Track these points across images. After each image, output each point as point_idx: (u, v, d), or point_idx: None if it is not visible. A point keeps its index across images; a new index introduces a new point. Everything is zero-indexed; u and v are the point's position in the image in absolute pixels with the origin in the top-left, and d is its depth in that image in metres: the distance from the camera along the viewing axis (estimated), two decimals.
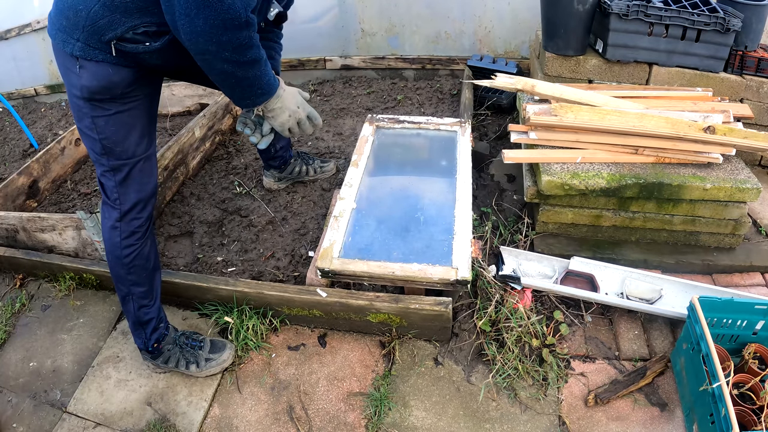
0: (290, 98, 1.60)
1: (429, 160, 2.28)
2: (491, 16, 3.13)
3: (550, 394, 1.65)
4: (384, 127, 2.37)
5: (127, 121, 1.51)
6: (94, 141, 1.50)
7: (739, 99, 2.30)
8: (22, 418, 1.73)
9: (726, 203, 1.88)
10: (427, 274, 1.65)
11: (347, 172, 2.07)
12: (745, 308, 1.54)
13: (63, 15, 1.38)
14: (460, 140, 2.23)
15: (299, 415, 1.66)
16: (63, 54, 1.41)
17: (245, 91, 1.48)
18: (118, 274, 1.64)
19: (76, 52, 1.38)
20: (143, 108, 1.55)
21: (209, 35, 1.28)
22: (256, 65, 1.41)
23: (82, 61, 1.39)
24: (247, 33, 1.34)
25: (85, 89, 1.42)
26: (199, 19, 1.25)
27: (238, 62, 1.37)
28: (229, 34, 1.30)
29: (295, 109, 1.61)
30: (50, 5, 1.43)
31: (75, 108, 1.49)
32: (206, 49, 1.31)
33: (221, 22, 1.27)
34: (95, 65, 1.40)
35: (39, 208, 2.61)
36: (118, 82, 1.44)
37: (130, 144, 1.53)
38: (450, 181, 2.04)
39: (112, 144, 1.51)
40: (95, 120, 1.47)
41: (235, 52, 1.34)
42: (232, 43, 1.32)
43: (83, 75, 1.41)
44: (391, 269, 1.67)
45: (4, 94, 4.00)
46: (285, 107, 1.58)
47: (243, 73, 1.40)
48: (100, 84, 1.42)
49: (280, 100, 1.56)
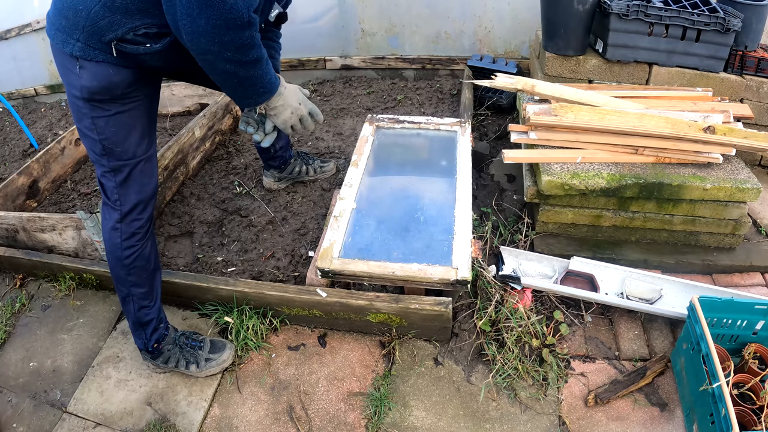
0: (292, 95, 1.60)
1: (429, 160, 2.28)
2: (491, 16, 3.13)
3: (550, 394, 1.65)
4: (384, 127, 2.37)
5: (128, 122, 1.51)
6: (94, 141, 1.50)
7: (739, 99, 2.30)
8: (22, 418, 1.73)
9: (726, 203, 1.88)
10: (427, 274, 1.65)
11: (347, 172, 2.07)
12: (745, 308, 1.54)
13: (62, 15, 1.37)
14: (460, 140, 2.23)
15: (299, 415, 1.66)
16: (62, 54, 1.41)
17: (247, 91, 1.48)
18: (118, 275, 1.64)
19: (76, 52, 1.37)
20: (143, 108, 1.55)
21: (211, 35, 1.28)
22: (258, 64, 1.41)
23: (82, 62, 1.39)
24: (250, 33, 1.34)
25: (85, 89, 1.42)
26: (201, 19, 1.25)
27: (241, 62, 1.36)
28: (232, 34, 1.30)
29: (297, 105, 1.61)
30: (50, 5, 1.43)
31: (74, 108, 1.48)
32: (208, 50, 1.31)
33: (223, 22, 1.26)
34: (95, 65, 1.39)
35: (39, 208, 2.61)
36: (118, 82, 1.44)
37: (131, 145, 1.53)
38: (450, 181, 2.04)
39: (113, 145, 1.50)
40: (95, 120, 1.47)
41: (238, 52, 1.34)
42: (235, 43, 1.32)
43: (83, 75, 1.40)
44: (391, 269, 1.67)
45: (4, 94, 4.00)
46: (287, 104, 1.59)
47: (245, 72, 1.41)
48: (101, 84, 1.42)
49: (281, 98, 1.56)
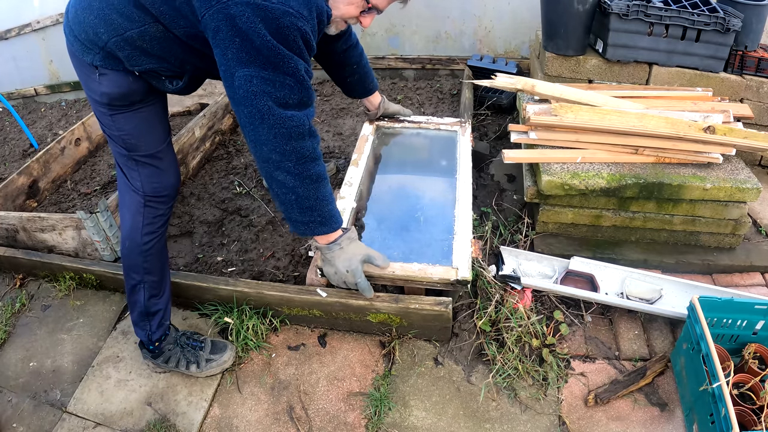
0: (343, 257, 1.55)
1: (429, 160, 2.27)
2: (491, 16, 3.13)
3: (550, 394, 1.65)
4: (384, 127, 2.37)
5: (147, 118, 1.55)
6: (116, 137, 1.53)
7: (739, 99, 2.30)
8: (22, 418, 1.73)
9: (726, 203, 1.88)
10: (427, 274, 1.65)
11: (347, 171, 2.07)
12: (745, 308, 1.54)
13: (82, 28, 1.37)
14: (461, 140, 2.23)
15: (299, 415, 1.66)
16: (81, 61, 1.43)
17: (304, 213, 1.44)
18: (133, 262, 1.64)
19: (96, 62, 1.39)
20: (159, 105, 1.60)
21: (273, 144, 1.31)
22: (319, 184, 1.41)
23: (102, 70, 1.41)
24: (311, 143, 1.35)
25: (105, 96, 1.45)
26: (263, 129, 1.29)
27: (301, 175, 1.37)
28: (294, 143, 1.32)
29: (343, 272, 1.56)
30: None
31: (94, 108, 1.52)
32: (269, 158, 1.34)
33: (286, 131, 1.30)
34: (115, 74, 1.42)
35: (39, 208, 2.61)
36: (137, 89, 1.47)
37: (152, 138, 1.57)
38: (450, 181, 2.04)
39: (135, 139, 1.53)
40: (114, 117, 1.50)
41: (299, 163, 1.35)
42: (297, 152, 1.33)
43: (103, 82, 1.43)
44: (391, 269, 1.66)
45: (4, 94, 4.00)
46: (334, 263, 1.55)
47: (305, 190, 1.39)
48: (121, 91, 1.45)
49: (332, 253, 1.53)
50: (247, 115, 1.30)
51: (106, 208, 2.03)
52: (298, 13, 1.23)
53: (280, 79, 1.27)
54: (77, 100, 3.97)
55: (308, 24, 1.27)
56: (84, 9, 1.36)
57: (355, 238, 1.60)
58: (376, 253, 1.60)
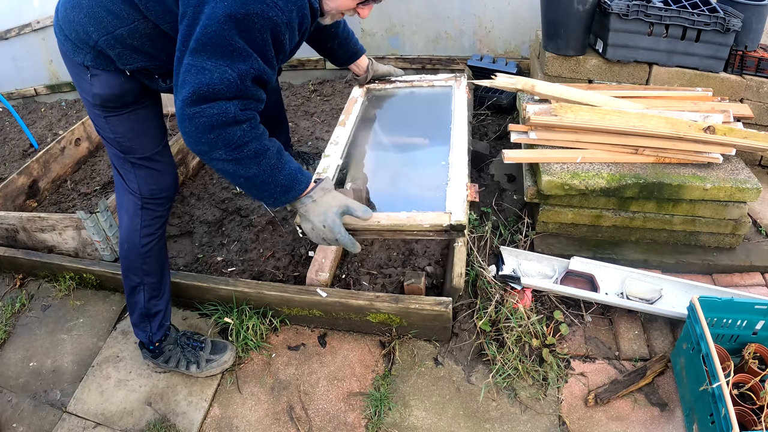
0: (318, 210, 1.43)
1: (423, 116, 2.14)
2: (491, 16, 3.13)
3: (550, 394, 1.65)
4: (375, 89, 2.23)
5: (141, 119, 1.53)
6: (111, 140, 1.52)
7: (739, 99, 2.30)
8: (22, 418, 1.73)
9: (726, 203, 1.88)
10: (416, 222, 1.49)
11: (333, 131, 1.92)
12: (745, 308, 1.54)
13: (72, 27, 1.36)
14: (456, 92, 2.12)
15: (299, 415, 1.66)
16: (72, 62, 1.42)
17: (263, 190, 1.37)
18: (132, 264, 1.63)
19: (88, 62, 1.38)
20: (153, 106, 1.58)
21: (196, 136, 1.24)
22: (262, 157, 1.31)
23: (93, 70, 1.40)
24: (240, 129, 1.26)
25: (98, 97, 1.44)
26: (185, 121, 1.23)
27: (237, 159, 1.29)
28: (217, 131, 1.24)
29: (320, 227, 1.43)
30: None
31: (89, 109, 1.52)
32: (199, 150, 1.28)
33: (206, 119, 1.22)
34: (107, 74, 1.41)
35: (39, 208, 2.61)
36: (129, 89, 1.45)
37: (147, 140, 1.55)
38: (445, 133, 1.91)
39: (130, 141, 1.52)
40: (108, 120, 1.49)
41: (230, 149, 1.27)
42: (223, 140, 1.25)
43: (95, 83, 1.41)
44: (376, 218, 1.50)
45: (4, 94, 4.00)
46: (309, 217, 1.44)
47: (248, 170, 1.31)
48: (113, 92, 1.43)
49: (304, 207, 1.43)
50: (178, 109, 1.23)
51: (106, 208, 2.03)
52: (273, 3, 1.17)
53: (219, 71, 1.19)
54: (77, 100, 3.97)
55: (282, 16, 1.20)
56: (73, 7, 1.35)
57: (330, 188, 1.47)
58: (356, 203, 1.46)
